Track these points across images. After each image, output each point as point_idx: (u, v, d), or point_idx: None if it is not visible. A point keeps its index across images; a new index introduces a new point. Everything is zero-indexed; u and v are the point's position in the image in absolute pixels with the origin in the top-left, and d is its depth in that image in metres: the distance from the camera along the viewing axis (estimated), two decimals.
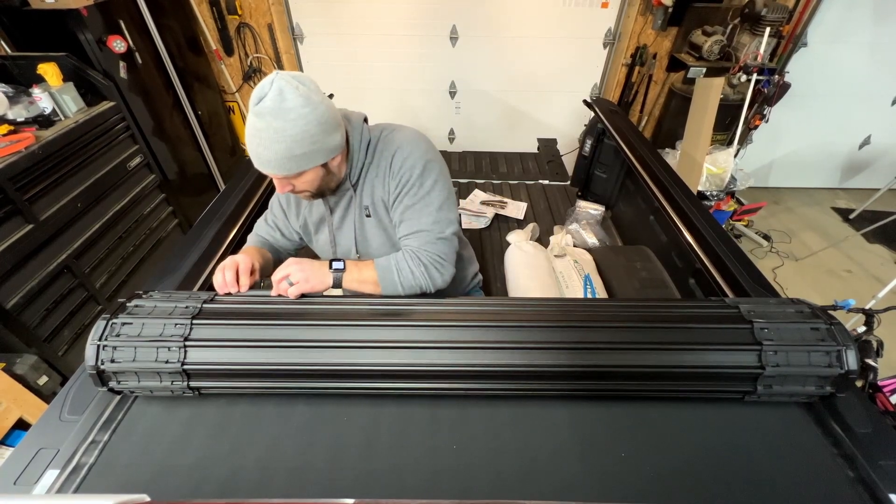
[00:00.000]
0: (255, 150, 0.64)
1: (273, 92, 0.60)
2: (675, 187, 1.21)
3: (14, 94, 1.48)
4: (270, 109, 0.60)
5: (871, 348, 0.73)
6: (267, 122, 0.61)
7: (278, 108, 0.60)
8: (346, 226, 0.83)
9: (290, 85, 0.60)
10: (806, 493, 0.53)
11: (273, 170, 0.65)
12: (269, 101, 0.60)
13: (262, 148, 0.63)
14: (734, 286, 0.87)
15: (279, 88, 0.60)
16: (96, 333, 0.57)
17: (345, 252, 0.86)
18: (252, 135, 0.63)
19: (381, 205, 0.79)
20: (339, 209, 0.81)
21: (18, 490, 0.52)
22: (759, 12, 2.01)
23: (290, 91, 0.60)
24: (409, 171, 0.72)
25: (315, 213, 0.84)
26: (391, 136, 0.77)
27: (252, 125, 0.62)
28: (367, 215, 0.80)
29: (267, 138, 0.62)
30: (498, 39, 2.52)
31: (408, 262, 0.72)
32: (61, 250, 1.49)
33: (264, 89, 0.60)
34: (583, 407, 0.62)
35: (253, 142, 0.63)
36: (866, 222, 2.53)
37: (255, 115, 0.61)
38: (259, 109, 0.60)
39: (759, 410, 0.62)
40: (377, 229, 0.81)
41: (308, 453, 0.57)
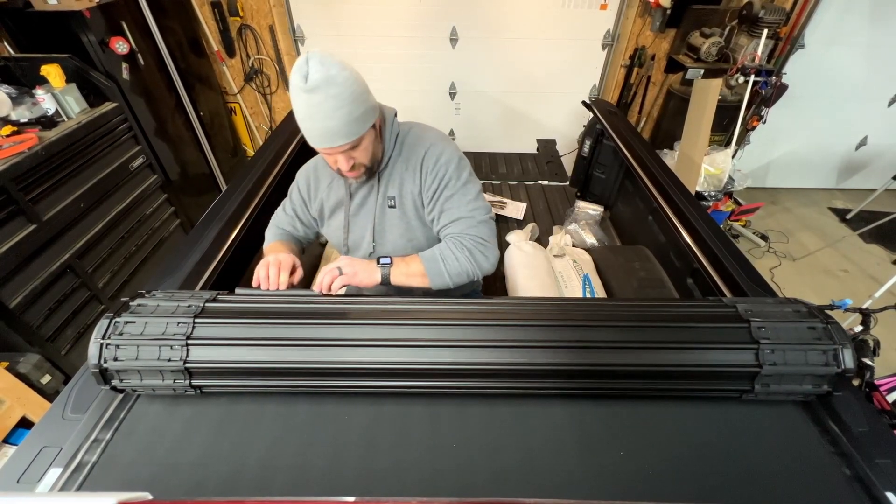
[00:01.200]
0: (321, 125, 0.65)
1: (315, 65, 0.61)
2: (673, 188, 1.22)
3: (17, 95, 1.49)
4: (322, 80, 0.61)
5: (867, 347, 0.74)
6: (323, 93, 0.62)
7: (327, 76, 0.61)
8: (363, 212, 0.84)
9: (324, 56, 0.63)
10: (803, 491, 0.53)
11: (342, 138, 0.66)
12: (316, 74, 0.61)
13: (327, 120, 0.64)
14: (732, 286, 0.87)
15: (318, 61, 0.62)
16: (99, 332, 0.57)
17: (356, 239, 0.86)
18: (310, 114, 0.64)
19: (410, 198, 0.80)
20: (358, 195, 0.82)
21: (21, 488, 0.52)
22: (756, 14, 2.03)
23: (328, 60, 0.62)
24: (446, 166, 0.77)
25: (333, 197, 0.85)
26: (422, 135, 0.80)
27: (306, 104, 0.63)
28: (390, 206, 0.81)
29: (329, 108, 0.63)
30: (497, 41, 2.54)
31: (452, 249, 0.75)
32: (64, 250, 1.50)
33: (304, 68, 0.62)
34: (581, 405, 0.62)
35: (315, 118, 0.64)
36: (863, 222, 2.55)
37: (307, 93, 0.62)
38: (310, 86, 0.61)
39: (757, 409, 0.62)
40: (399, 221, 0.82)
41: (309, 452, 0.57)
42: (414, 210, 0.82)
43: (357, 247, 0.87)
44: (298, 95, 0.64)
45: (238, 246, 1.01)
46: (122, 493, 0.31)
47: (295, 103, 0.65)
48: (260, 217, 1.17)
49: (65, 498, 0.37)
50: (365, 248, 0.86)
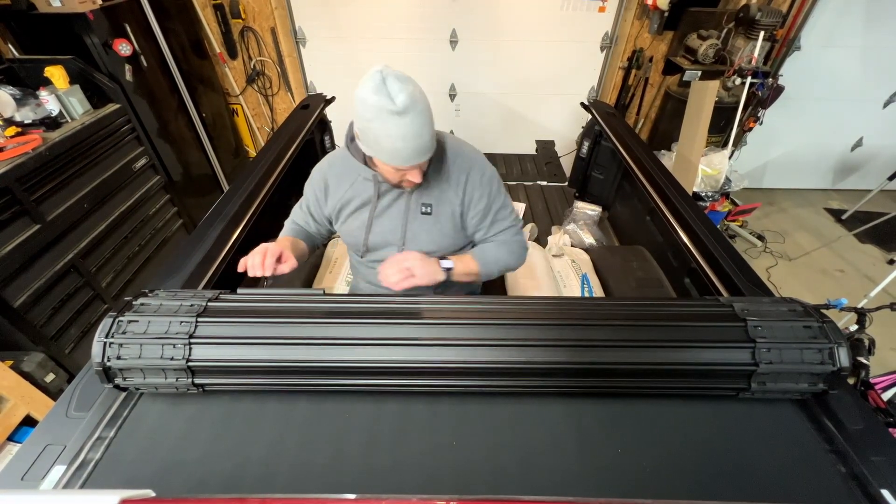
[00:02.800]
0: (413, 144, 0.65)
1: (395, 85, 0.62)
2: (670, 188, 1.23)
3: (21, 96, 1.50)
4: (409, 100, 0.62)
5: (862, 346, 0.75)
6: (413, 112, 0.63)
7: (412, 95, 0.63)
8: (390, 215, 0.84)
9: (396, 73, 0.63)
10: (799, 488, 0.54)
11: (428, 152, 0.69)
12: (401, 94, 0.62)
13: (417, 139, 0.65)
14: (728, 285, 0.88)
15: (396, 79, 0.62)
16: (103, 331, 0.57)
17: (378, 240, 0.86)
18: (402, 135, 0.64)
19: (448, 209, 0.83)
20: (387, 197, 0.82)
21: (26, 485, 0.52)
22: (753, 16, 2.05)
23: (401, 76, 0.63)
24: (489, 183, 0.85)
25: (356, 196, 0.84)
26: (462, 150, 0.84)
27: (397, 125, 0.63)
28: (424, 212, 0.83)
29: (418, 125, 0.64)
30: (497, 43, 2.55)
31: (504, 253, 0.88)
32: (68, 250, 1.51)
33: (384, 89, 0.61)
34: (580, 403, 0.62)
35: (407, 139, 0.64)
36: (858, 223, 2.57)
37: (399, 115, 0.62)
38: (401, 108, 0.62)
39: (753, 407, 0.62)
40: (431, 227, 0.84)
41: (310, 449, 0.57)
42: (450, 220, 0.84)
43: (378, 247, 0.87)
44: (385, 118, 0.63)
45: (240, 246, 1.01)
46: (125, 491, 0.31)
47: (378, 126, 0.64)
48: (262, 217, 1.18)
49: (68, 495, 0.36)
50: (389, 250, 0.86)
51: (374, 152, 0.70)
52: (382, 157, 0.69)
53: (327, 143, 1.95)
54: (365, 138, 0.69)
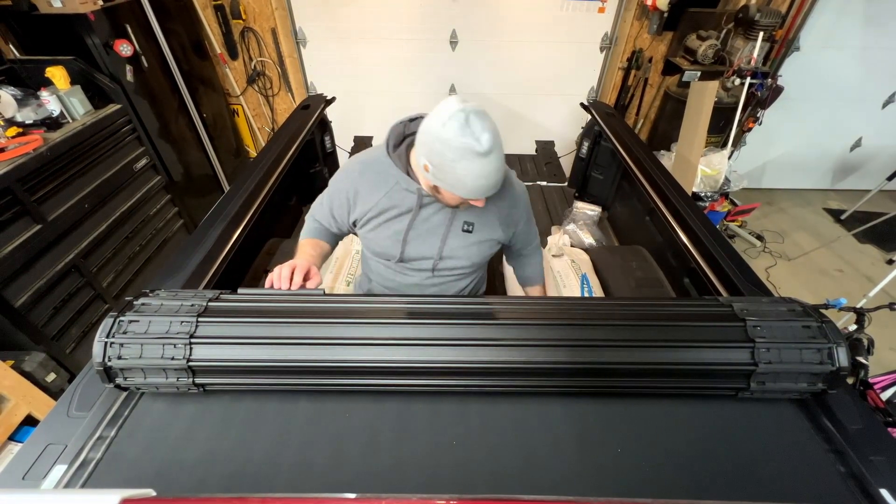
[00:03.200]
0: (494, 180, 0.67)
1: (478, 124, 0.63)
2: (670, 188, 1.24)
3: (23, 96, 1.50)
4: (493, 141, 0.63)
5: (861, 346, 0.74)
6: (496, 152, 0.65)
7: (494, 134, 0.64)
8: (428, 228, 0.83)
9: (477, 109, 0.64)
10: (798, 487, 0.54)
11: (500, 185, 0.71)
12: (485, 134, 0.63)
13: (497, 174, 0.67)
14: (728, 285, 0.88)
15: (478, 118, 0.63)
16: (104, 331, 0.57)
17: (414, 252, 0.85)
18: (485, 173, 0.65)
19: (488, 227, 0.85)
20: (427, 210, 0.82)
21: (27, 485, 0.52)
22: (752, 17, 2.06)
23: (482, 113, 0.64)
24: (526, 206, 0.92)
25: (396, 206, 0.82)
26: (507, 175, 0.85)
27: (480, 166, 0.64)
28: (465, 230, 0.83)
29: (499, 163, 0.66)
30: (497, 43, 2.56)
31: (540, 260, 1.03)
32: (69, 250, 1.51)
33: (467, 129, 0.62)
34: (580, 403, 0.63)
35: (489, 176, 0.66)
36: (857, 223, 2.57)
37: (482, 157, 0.63)
38: (486, 149, 0.63)
39: (753, 407, 0.62)
40: (471, 245, 0.85)
41: (311, 449, 0.57)
42: (489, 237, 0.86)
43: (412, 258, 0.86)
44: (470, 159, 0.63)
45: (241, 246, 1.02)
46: (126, 490, 0.31)
47: (462, 167, 0.64)
48: (262, 217, 1.18)
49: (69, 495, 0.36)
50: (424, 263, 0.86)
51: (450, 187, 0.69)
52: (461, 193, 0.69)
53: (328, 144, 1.96)
54: (441, 174, 0.68)
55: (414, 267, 0.87)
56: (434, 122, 0.65)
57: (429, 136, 0.66)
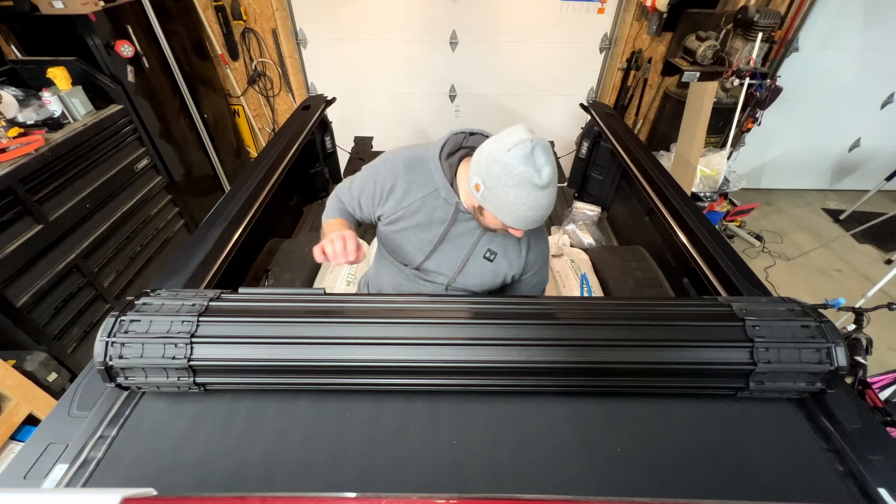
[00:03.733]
0: (543, 213, 0.68)
1: (542, 158, 0.63)
2: (669, 189, 1.24)
3: (24, 97, 1.50)
4: (552, 176, 0.64)
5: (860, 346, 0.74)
6: (552, 187, 0.66)
7: (554, 170, 0.65)
8: (455, 246, 0.83)
9: (544, 146, 0.64)
10: (797, 487, 0.54)
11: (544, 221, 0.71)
12: (546, 168, 0.63)
13: (548, 209, 0.68)
14: (727, 285, 0.89)
15: (542, 152, 0.63)
16: (105, 330, 0.57)
17: (435, 266, 0.84)
18: (535, 206, 0.66)
19: (507, 263, 0.84)
20: (459, 226, 0.81)
21: (28, 484, 0.53)
22: (751, 18, 2.06)
23: (547, 149, 0.64)
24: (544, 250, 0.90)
25: (428, 214, 0.80)
26: None
27: (534, 198, 0.65)
28: (486, 258, 0.83)
29: (552, 197, 0.67)
30: (496, 44, 2.57)
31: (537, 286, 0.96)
32: (70, 250, 1.51)
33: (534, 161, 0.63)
34: (579, 403, 0.63)
35: (540, 209, 0.66)
36: (856, 223, 2.58)
37: (539, 189, 0.64)
38: (545, 182, 0.63)
39: (751, 406, 0.62)
40: (487, 273, 0.84)
41: (311, 448, 0.57)
42: (503, 272, 0.85)
43: (430, 270, 0.86)
44: (527, 189, 0.64)
45: (241, 245, 1.02)
46: (127, 490, 0.31)
47: (516, 194, 0.65)
48: (263, 217, 1.18)
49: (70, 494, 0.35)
50: (441, 279, 0.86)
51: (496, 211, 0.69)
52: (506, 220, 0.69)
53: (328, 144, 1.97)
54: (492, 198, 0.67)
55: (429, 279, 0.87)
56: (499, 145, 0.65)
57: (490, 157, 0.66)
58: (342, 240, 0.72)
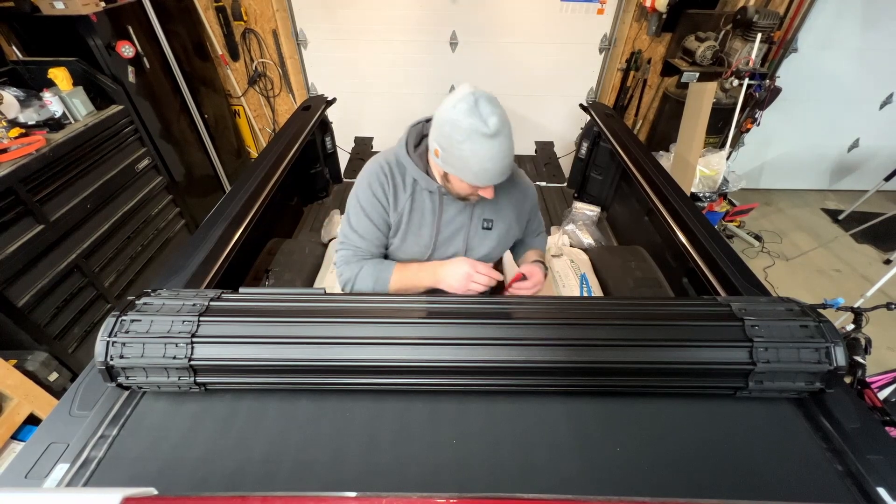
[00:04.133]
0: (500, 164, 0.67)
1: (487, 108, 0.63)
2: (668, 189, 1.25)
3: (25, 97, 1.51)
4: (501, 123, 0.64)
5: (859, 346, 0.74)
6: (503, 135, 0.65)
7: (502, 118, 0.65)
8: (452, 229, 0.83)
9: (487, 95, 0.64)
10: (796, 486, 0.54)
11: (509, 170, 0.70)
12: (493, 117, 0.63)
13: (505, 159, 0.67)
14: (726, 285, 0.89)
15: (487, 101, 0.64)
16: (106, 330, 0.58)
17: (442, 253, 0.84)
18: (491, 156, 0.65)
19: (506, 223, 0.86)
20: (449, 211, 0.82)
21: (29, 483, 0.53)
22: (750, 18, 2.06)
23: (492, 98, 0.65)
24: (535, 199, 0.93)
25: (418, 209, 0.81)
26: (514, 171, 0.87)
27: (486, 148, 0.64)
28: (485, 227, 0.84)
29: (507, 147, 0.66)
30: (496, 45, 2.57)
31: (544, 246, 1.01)
32: (71, 250, 1.51)
33: (476, 111, 0.63)
34: (579, 402, 0.63)
35: (496, 160, 0.66)
36: (855, 223, 2.59)
37: (489, 138, 0.64)
38: (493, 131, 0.63)
39: (751, 406, 0.63)
40: (490, 241, 0.86)
41: (311, 448, 0.57)
42: (506, 232, 0.87)
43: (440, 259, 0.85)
44: (477, 140, 0.64)
45: (242, 246, 1.02)
46: (128, 489, 0.31)
47: (469, 148, 0.64)
48: (263, 217, 1.18)
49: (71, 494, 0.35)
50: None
51: (457, 171, 0.69)
52: (467, 178, 0.69)
53: (328, 144, 1.97)
54: (449, 158, 0.68)
55: None
56: (445, 105, 0.66)
57: (440, 119, 0.67)
58: (475, 269, 0.76)
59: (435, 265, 0.81)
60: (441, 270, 0.79)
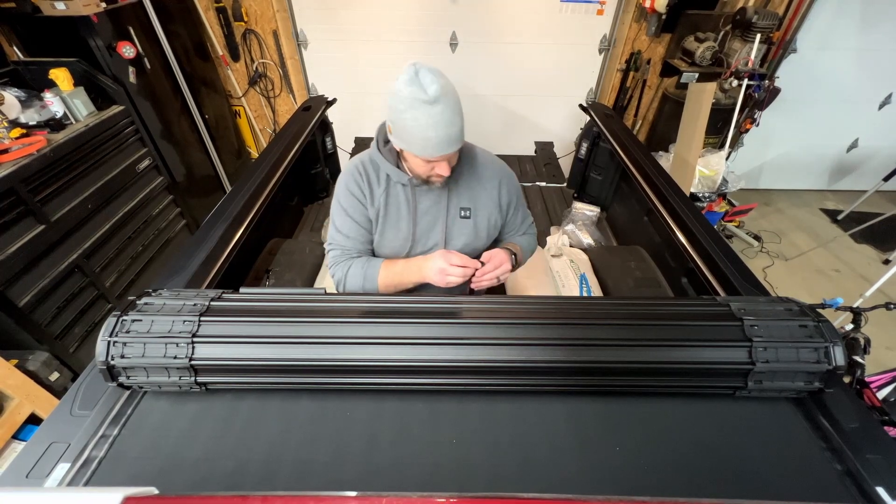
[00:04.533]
0: (444, 132, 0.67)
1: (428, 77, 0.64)
2: (668, 189, 1.25)
3: (26, 98, 1.51)
4: (441, 91, 0.64)
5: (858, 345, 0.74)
6: (444, 104, 0.65)
7: (443, 86, 0.65)
8: (429, 219, 0.84)
9: (430, 67, 0.65)
10: (795, 485, 0.54)
11: (458, 143, 0.70)
12: (433, 85, 0.64)
13: (449, 128, 0.67)
14: (725, 285, 0.89)
15: (429, 72, 0.65)
16: (107, 330, 0.58)
17: (421, 246, 0.85)
18: (432, 123, 0.66)
19: (485, 212, 0.86)
20: (424, 202, 0.82)
21: (30, 483, 0.53)
22: (750, 19, 2.07)
23: (435, 70, 0.66)
24: (517, 187, 0.92)
25: (394, 203, 0.82)
26: (489, 158, 0.89)
27: (427, 115, 0.65)
28: (463, 216, 0.84)
29: (449, 115, 0.66)
30: (496, 45, 2.58)
31: (531, 243, 0.98)
32: (72, 250, 1.52)
33: (417, 80, 0.64)
34: (578, 402, 0.63)
35: (438, 127, 0.66)
36: (854, 223, 2.59)
37: (428, 105, 0.64)
38: (432, 97, 0.64)
39: (750, 405, 0.63)
40: (470, 230, 0.86)
41: (312, 447, 0.57)
42: (486, 222, 0.87)
43: (421, 252, 0.86)
44: (417, 108, 0.65)
45: (243, 246, 1.03)
46: (129, 488, 0.31)
47: (410, 116, 0.66)
48: (264, 217, 1.19)
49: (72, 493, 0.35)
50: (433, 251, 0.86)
51: (405, 144, 0.71)
52: (414, 149, 0.70)
53: (329, 145, 1.97)
54: (397, 130, 0.70)
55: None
56: (394, 82, 0.67)
57: (389, 95, 0.68)
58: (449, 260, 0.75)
59: (419, 261, 0.82)
60: (424, 265, 0.80)
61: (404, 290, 0.85)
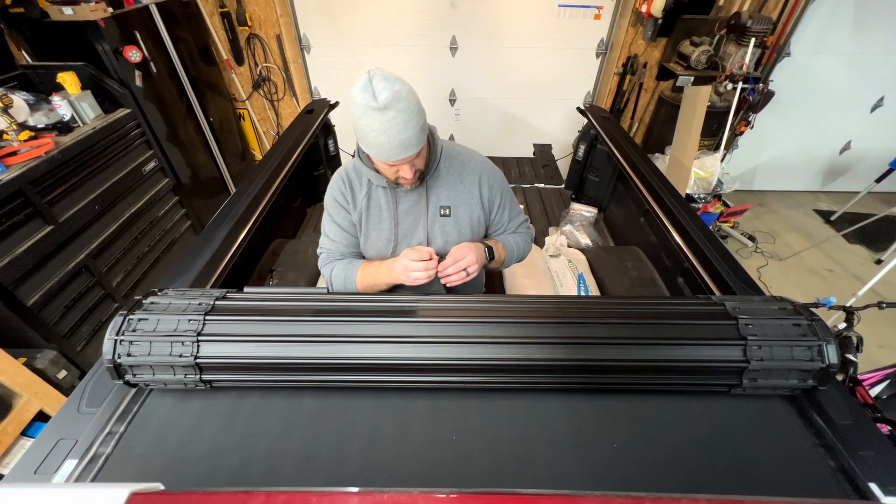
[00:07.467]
0: (396, 139, 0.67)
1: (380, 83, 0.64)
2: (664, 190, 1.26)
3: (35, 101, 1.53)
4: (391, 97, 0.64)
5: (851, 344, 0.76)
6: (395, 109, 0.66)
7: (394, 92, 0.65)
8: (411, 220, 0.85)
9: (384, 74, 0.66)
10: (789, 482, 0.54)
11: (414, 148, 0.70)
12: (384, 92, 0.64)
13: (401, 133, 0.67)
14: (720, 284, 0.90)
15: (381, 79, 0.65)
16: (114, 329, 0.58)
17: (407, 245, 0.86)
18: (384, 129, 0.66)
19: (466, 209, 0.86)
20: (404, 203, 0.84)
21: (38, 479, 0.53)
22: (744, 24, 2.09)
23: (389, 77, 0.66)
24: (502, 183, 0.91)
25: (374, 207, 0.85)
26: (470, 155, 0.88)
27: (378, 122, 0.65)
28: (443, 214, 0.85)
29: (401, 121, 0.67)
30: (495, 49, 2.61)
31: (520, 241, 0.96)
32: (79, 250, 1.54)
33: (369, 87, 0.64)
34: (576, 399, 0.63)
35: (390, 133, 0.66)
36: (847, 224, 2.61)
37: (379, 111, 0.65)
38: (382, 104, 0.64)
39: (745, 403, 0.63)
40: (451, 228, 0.86)
41: (315, 444, 0.58)
42: (468, 220, 0.87)
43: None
44: (369, 114, 0.65)
45: (247, 246, 1.04)
46: (135, 484, 0.32)
47: (364, 122, 0.66)
48: (268, 218, 1.20)
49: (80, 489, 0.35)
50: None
51: (366, 148, 0.72)
52: (372, 153, 0.72)
53: (331, 147, 2.00)
54: (357, 136, 0.72)
55: None
56: None
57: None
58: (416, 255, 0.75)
59: (389, 262, 0.83)
60: (392, 266, 0.81)
61: (382, 290, 0.87)
